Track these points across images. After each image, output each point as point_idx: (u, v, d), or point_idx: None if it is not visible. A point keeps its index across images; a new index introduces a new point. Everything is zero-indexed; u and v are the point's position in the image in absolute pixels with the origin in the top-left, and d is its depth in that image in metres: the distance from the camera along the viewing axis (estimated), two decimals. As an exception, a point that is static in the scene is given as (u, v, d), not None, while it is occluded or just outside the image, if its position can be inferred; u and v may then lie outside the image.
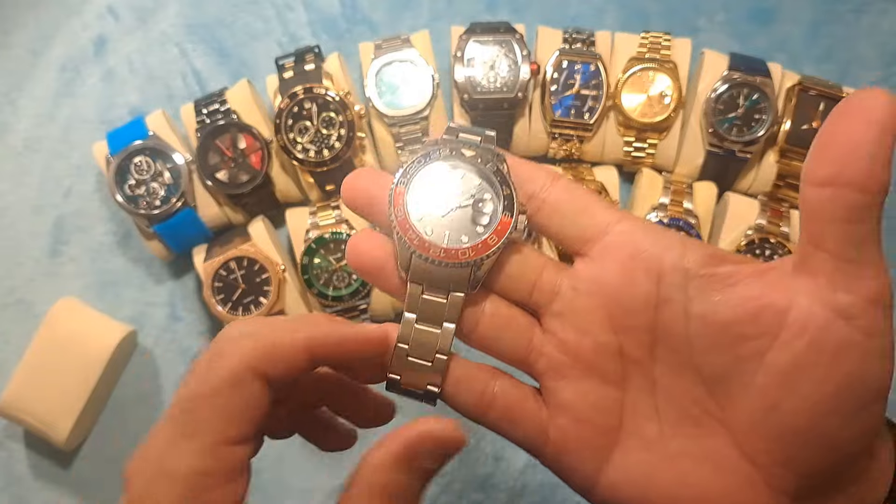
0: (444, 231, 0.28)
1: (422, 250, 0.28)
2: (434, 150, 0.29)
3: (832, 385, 0.25)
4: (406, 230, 0.28)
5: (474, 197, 0.29)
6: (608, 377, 0.28)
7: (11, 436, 0.58)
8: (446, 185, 0.29)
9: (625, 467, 0.28)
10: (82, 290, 0.60)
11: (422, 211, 0.29)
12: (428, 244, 0.28)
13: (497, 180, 0.29)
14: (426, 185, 0.29)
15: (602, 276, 0.28)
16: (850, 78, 0.61)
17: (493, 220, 0.28)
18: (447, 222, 0.29)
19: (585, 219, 0.28)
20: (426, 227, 0.28)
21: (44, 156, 0.61)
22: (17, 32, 0.63)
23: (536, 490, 0.57)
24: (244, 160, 0.55)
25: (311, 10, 0.63)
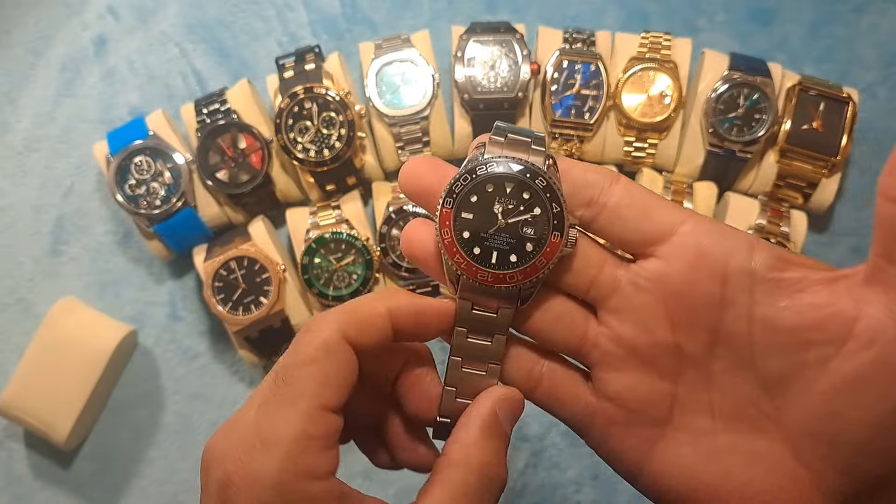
0: (492, 250, 0.28)
1: (469, 274, 0.28)
2: (481, 166, 0.28)
3: (893, 398, 0.24)
4: (453, 254, 0.28)
5: (523, 214, 0.28)
6: (662, 372, 0.28)
7: (11, 436, 0.58)
8: (494, 202, 0.28)
9: (671, 458, 0.28)
10: (82, 290, 0.60)
11: (470, 229, 0.28)
12: (475, 269, 0.28)
13: (547, 196, 0.28)
14: (474, 203, 0.28)
15: (666, 275, 0.28)
16: (851, 78, 0.61)
17: (543, 239, 0.28)
18: (496, 241, 0.28)
19: (648, 222, 0.28)
20: (474, 246, 0.28)
21: (44, 155, 0.61)
22: (18, 32, 0.63)
23: (536, 490, 0.57)
24: (244, 160, 0.55)
25: (311, 10, 0.63)
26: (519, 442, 0.58)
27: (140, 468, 0.58)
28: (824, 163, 0.55)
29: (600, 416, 0.29)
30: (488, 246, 0.28)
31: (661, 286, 0.28)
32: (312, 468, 0.25)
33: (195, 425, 0.59)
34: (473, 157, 0.28)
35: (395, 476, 0.57)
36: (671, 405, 0.28)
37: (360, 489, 0.27)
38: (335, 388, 0.26)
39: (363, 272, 0.55)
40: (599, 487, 0.57)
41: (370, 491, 0.56)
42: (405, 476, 0.58)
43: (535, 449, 0.58)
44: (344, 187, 0.57)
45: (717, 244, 0.27)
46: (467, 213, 0.28)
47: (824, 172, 0.55)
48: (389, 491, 0.57)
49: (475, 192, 0.28)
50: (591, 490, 0.57)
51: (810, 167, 0.55)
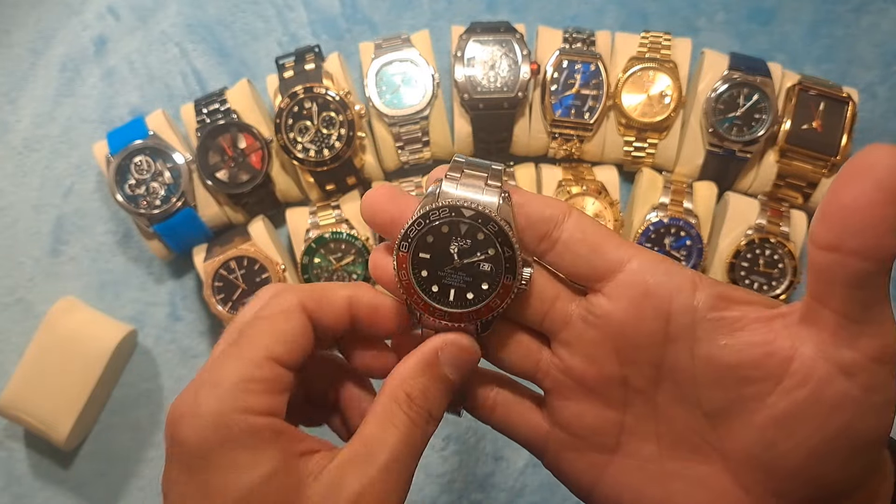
0: (450, 288, 0.29)
1: (428, 313, 0.29)
2: (434, 212, 0.29)
3: (828, 433, 0.25)
4: (411, 294, 0.29)
5: (478, 254, 0.29)
6: (610, 402, 0.30)
7: (11, 435, 0.58)
8: (450, 242, 0.29)
9: (619, 482, 0.30)
10: (82, 290, 0.60)
11: (428, 268, 0.29)
12: (433, 308, 0.29)
13: (499, 241, 0.28)
14: (430, 243, 0.29)
15: (612, 313, 0.29)
16: (850, 78, 0.61)
17: (496, 281, 0.29)
18: (453, 279, 0.29)
19: (597, 258, 0.29)
20: (432, 284, 0.29)
21: (44, 155, 0.61)
22: (18, 32, 0.63)
23: (536, 490, 0.57)
24: (244, 160, 0.55)
25: (311, 10, 0.63)
26: (519, 442, 0.58)
27: (140, 468, 0.58)
28: (824, 162, 0.55)
29: (553, 441, 0.30)
30: (446, 284, 0.29)
31: (608, 323, 0.29)
32: (251, 405, 0.26)
33: (195, 425, 0.59)
34: (430, 195, 0.29)
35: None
36: (619, 433, 0.30)
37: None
38: (284, 344, 0.28)
39: (363, 272, 0.55)
40: (599, 487, 0.57)
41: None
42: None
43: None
44: (344, 187, 0.57)
45: (662, 283, 0.28)
46: (424, 254, 0.29)
47: (824, 172, 0.55)
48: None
49: (430, 233, 0.29)
50: (590, 490, 0.57)
51: (810, 167, 0.55)
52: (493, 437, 0.58)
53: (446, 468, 0.57)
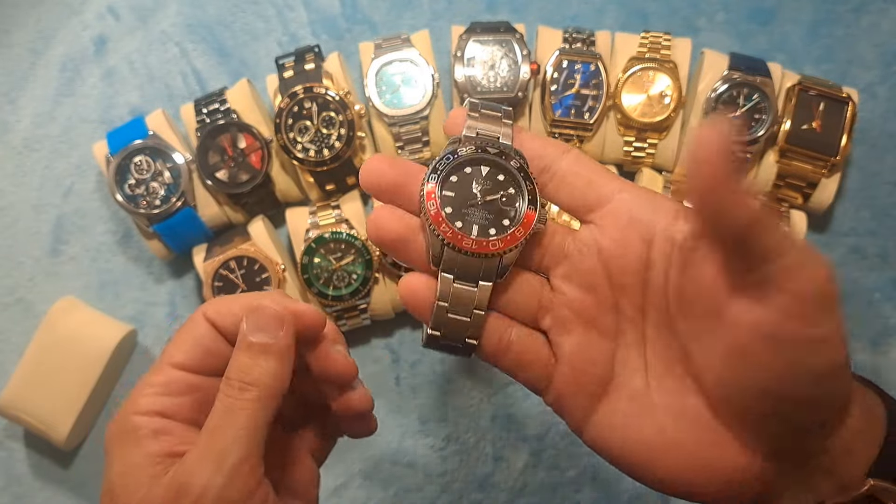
0: (472, 225, 0.30)
1: (455, 242, 0.30)
2: (460, 148, 0.31)
3: (774, 371, 0.27)
4: (439, 223, 0.30)
5: (500, 192, 0.31)
6: (605, 332, 0.31)
7: (11, 435, 0.58)
8: (473, 181, 0.31)
9: (610, 414, 0.31)
10: (82, 290, 0.60)
11: (452, 205, 0.30)
12: (460, 236, 0.30)
13: (521, 176, 0.30)
14: (454, 182, 0.31)
15: (601, 240, 0.30)
16: (850, 78, 0.61)
17: (519, 214, 0.30)
18: (475, 217, 0.30)
19: (591, 190, 0.31)
20: (456, 220, 0.30)
21: (44, 155, 0.61)
22: (18, 32, 0.63)
23: (536, 490, 0.57)
24: (244, 160, 0.55)
25: (311, 10, 0.63)
26: (518, 442, 0.58)
27: (140, 468, 0.58)
28: (824, 163, 0.55)
29: (556, 377, 0.31)
30: (469, 220, 0.30)
31: (599, 250, 0.31)
32: (139, 406, 0.31)
33: (195, 425, 0.59)
34: (452, 140, 0.31)
35: (396, 476, 0.57)
36: (612, 364, 0.31)
37: (359, 489, 0.28)
38: (183, 351, 0.32)
39: (363, 272, 0.55)
40: (599, 487, 0.57)
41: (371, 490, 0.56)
42: (404, 477, 0.58)
43: (534, 449, 0.58)
44: (344, 187, 0.57)
45: (647, 211, 0.30)
46: (449, 191, 0.30)
47: (824, 172, 0.55)
48: (389, 491, 0.57)
49: (455, 172, 0.31)
50: (590, 490, 0.57)
51: (810, 167, 0.55)
52: (492, 436, 0.58)
53: (446, 468, 0.57)
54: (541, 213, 0.30)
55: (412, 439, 0.58)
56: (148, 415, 0.30)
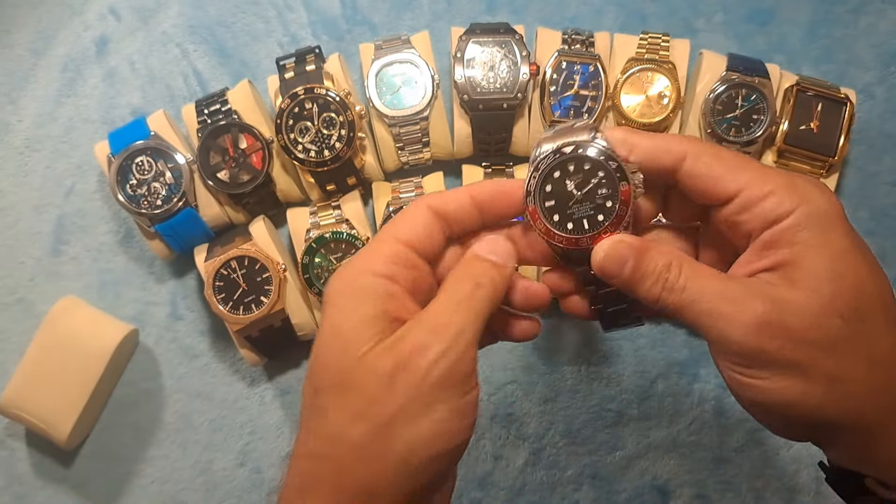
0: (582, 220, 0.34)
1: (573, 246, 0.34)
2: (541, 162, 0.34)
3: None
4: (552, 236, 0.34)
5: (592, 180, 0.34)
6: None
7: (13, 435, 0.59)
8: (565, 181, 0.34)
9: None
10: (83, 290, 0.60)
11: (557, 211, 0.34)
12: (574, 239, 0.34)
13: (601, 159, 0.33)
14: (550, 193, 0.34)
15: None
16: (848, 78, 0.61)
17: (615, 193, 0.33)
18: (581, 212, 0.34)
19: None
20: (566, 223, 0.34)
21: (45, 155, 0.62)
22: (19, 32, 0.63)
23: (535, 489, 0.57)
24: (245, 160, 0.56)
25: (311, 11, 0.63)
26: (518, 441, 0.58)
27: (141, 467, 0.58)
28: (822, 163, 0.55)
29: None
30: (577, 218, 0.34)
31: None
32: (371, 267, 0.33)
33: (196, 424, 0.59)
34: (532, 158, 0.35)
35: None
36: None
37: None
38: (407, 229, 0.34)
39: (363, 272, 0.55)
40: (598, 486, 0.57)
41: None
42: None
43: (534, 448, 0.58)
44: (344, 187, 0.57)
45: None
46: (549, 201, 0.34)
47: (822, 173, 0.56)
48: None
49: (546, 182, 0.34)
50: (589, 489, 0.57)
51: (808, 167, 0.56)
52: (492, 435, 0.58)
53: (446, 467, 0.58)
54: (634, 183, 0.33)
55: (412, 438, 0.58)
56: (380, 277, 0.32)
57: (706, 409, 0.58)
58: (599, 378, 0.59)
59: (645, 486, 0.58)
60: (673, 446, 0.58)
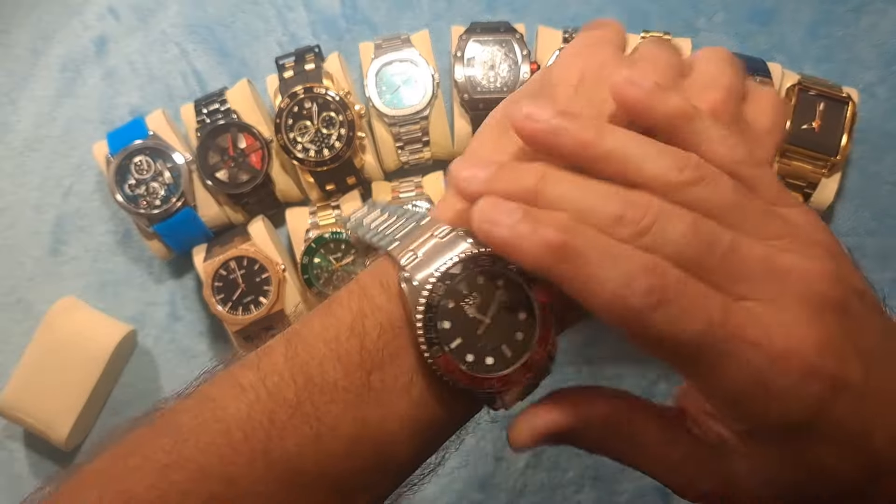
0: (500, 348, 0.27)
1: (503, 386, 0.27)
2: (431, 298, 0.27)
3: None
4: (470, 380, 0.27)
5: (498, 299, 0.27)
6: None
7: (11, 436, 0.58)
8: (465, 310, 0.27)
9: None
10: (82, 290, 0.60)
11: (469, 351, 0.27)
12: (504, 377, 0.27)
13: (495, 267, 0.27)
14: (450, 329, 0.27)
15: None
16: (850, 78, 0.61)
17: (525, 297, 0.27)
18: (493, 343, 0.27)
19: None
20: (482, 359, 0.27)
21: (44, 155, 0.61)
22: (18, 32, 0.63)
23: (537, 490, 0.57)
24: (244, 160, 0.55)
25: (311, 10, 0.63)
26: (519, 442, 0.58)
27: (140, 468, 0.58)
28: (824, 162, 0.55)
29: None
30: (494, 348, 0.27)
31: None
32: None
33: (195, 425, 0.59)
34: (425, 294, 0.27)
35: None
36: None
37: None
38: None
39: (363, 272, 0.55)
40: (600, 488, 0.57)
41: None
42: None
43: (535, 449, 0.58)
44: (344, 187, 0.57)
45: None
46: (454, 340, 0.27)
47: (824, 172, 0.55)
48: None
49: (444, 319, 0.27)
50: (591, 490, 0.57)
51: (810, 167, 0.55)
52: (493, 437, 0.58)
53: (446, 468, 0.57)
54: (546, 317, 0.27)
55: (412, 439, 0.58)
56: None
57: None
58: (601, 379, 0.59)
59: (646, 487, 0.57)
60: (674, 447, 0.58)
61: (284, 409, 0.26)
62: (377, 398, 0.27)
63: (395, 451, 0.28)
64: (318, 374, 0.27)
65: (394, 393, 0.27)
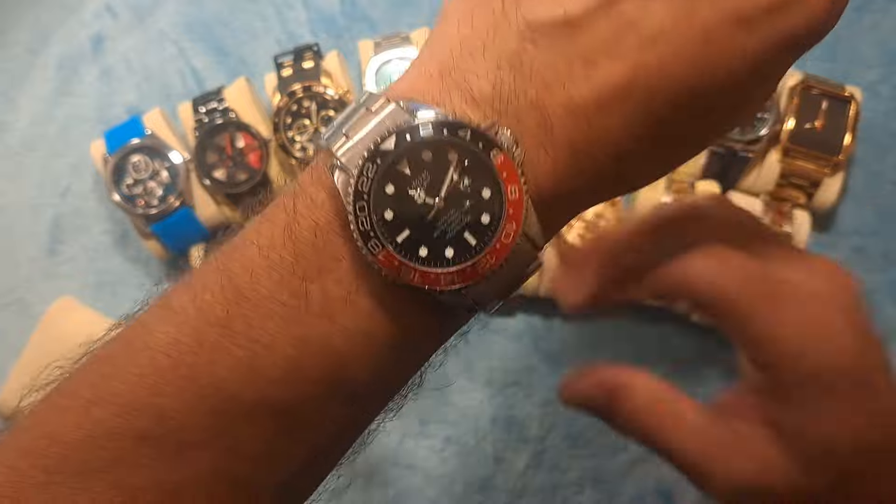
0: (463, 234, 0.23)
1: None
2: (363, 180, 0.23)
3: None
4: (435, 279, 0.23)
5: (447, 174, 0.23)
6: None
7: (8, 437, 0.58)
8: (411, 196, 0.23)
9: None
10: (80, 290, 0.59)
11: (419, 242, 0.23)
12: (469, 268, 0.22)
13: (445, 134, 0.22)
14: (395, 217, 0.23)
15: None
16: (853, 76, 0.61)
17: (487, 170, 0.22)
18: (453, 225, 0.23)
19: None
20: (441, 251, 0.23)
21: (41, 155, 0.61)
22: (15, 31, 0.63)
23: (537, 492, 0.57)
24: (242, 159, 0.55)
25: (309, 9, 0.62)
26: (519, 443, 0.57)
27: (137, 469, 0.58)
28: (827, 161, 0.55)
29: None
30: (453, 236, 0.22)
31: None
32: None
33: (193, 426, 0.58)
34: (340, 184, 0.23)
35: (395, 478, 0.57)
36: None
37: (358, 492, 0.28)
38: None
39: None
40: (601, 489, 0.57)
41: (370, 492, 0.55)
42: (404, 479, 0.57)
43: (535, 450, 0.57)
44: (343, 186, 0.57)
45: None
46: (400, 231, 0.22)
47: (826, 171, 0.55)
48: (389, 494, 0.57)
49: (381, 205, 0.22)
50: (592, 492, 0.57)
51: (813, 166, 0.55)
52: (493, 438, 0.58)
53: (446, 470, 0.57)
54: (506, 146, 0.22)
55: (412, 441, 0.58)
56: None
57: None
58: (601, 380, 0.58)
59: (648, 489, 0.57)
60: (676, 449, 0.57)
61: (214, 328, 0.23)
62: (318, 311, 0.23)
63: (346, 375, 0.23)
64: (250, 286, 0.23)
65: (336, 303, 0.23)
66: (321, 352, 0.23)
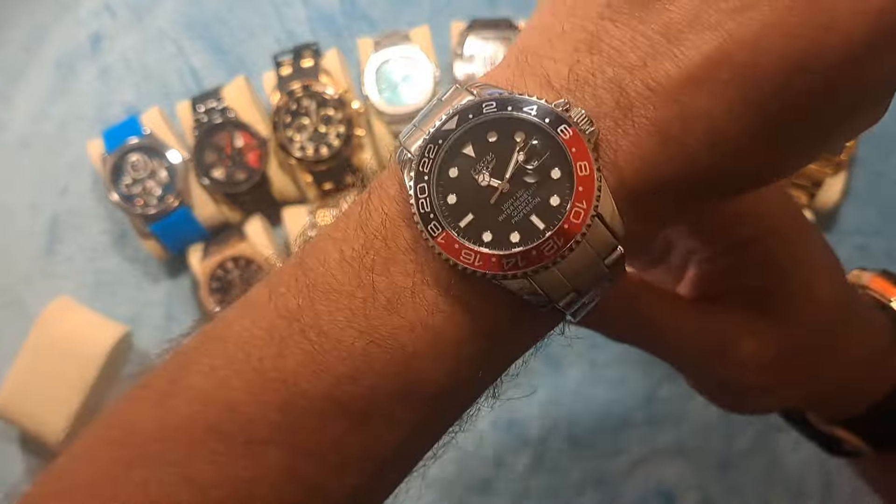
0: (529, 218, 0.21)
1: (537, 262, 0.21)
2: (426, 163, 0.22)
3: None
4: (502, 265, 0.21)
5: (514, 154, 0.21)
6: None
7: (6, 438, 0.58)
8: (475, 179, 0.22)
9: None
10: (77, 290, 0.59)
11: (483, 228, 0.22)
12: (534, 250, 0.21)
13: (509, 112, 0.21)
14: (458, 202, 0.22)
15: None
16: (856, 75, 0.60)
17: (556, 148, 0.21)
18: (521, 209, 0.21)
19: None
20: (507, 236, 0.21)
21: (39, 154, 0.61)
22: (12, 29, 0.62)
23: (538, 493, 0.57)
24: (241, 158, 0.55)
25: (309, 7, 0.62)
26: (520, 445, 0.57)
27: (136, 471, 0.58)
28: (829, 161, 0.54)
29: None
30: (521, 220, 0.21)
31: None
32: None
33: (192, 427, 0.58)
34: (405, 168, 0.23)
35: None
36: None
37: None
38: None
39: (362, 272, 0.54)
40: (602, 491, 0.57)
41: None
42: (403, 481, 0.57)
43: (536, 452, 0.57)
44: (342, 186, 0.56)
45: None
46: (463, 216, 0.21)
47: (829, 171, 0.55)
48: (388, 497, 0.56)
49: (445, 190, 0.21)
50: (593, 493, 0.57)
51: (815, 166, 0.55)
52: (494, 440, 0.57)
53: (446, 473, 0.57)
54: (577, 122, 0.20)
55: (412, 442, 0.57)
56: None
57: (712, 413, 0.57)
58: (603, 381, 0.58)
59: (650, 490, 0.57)
60: (678, 450, 0.57)
61: (284, 321, 0.22)
62: (385, 303, 0.22)
63: (417, 375, 0.23)
64: (322, 278, 0.23)
65: (403, 295, 0.22)
66: (389, 346, 0.22)
